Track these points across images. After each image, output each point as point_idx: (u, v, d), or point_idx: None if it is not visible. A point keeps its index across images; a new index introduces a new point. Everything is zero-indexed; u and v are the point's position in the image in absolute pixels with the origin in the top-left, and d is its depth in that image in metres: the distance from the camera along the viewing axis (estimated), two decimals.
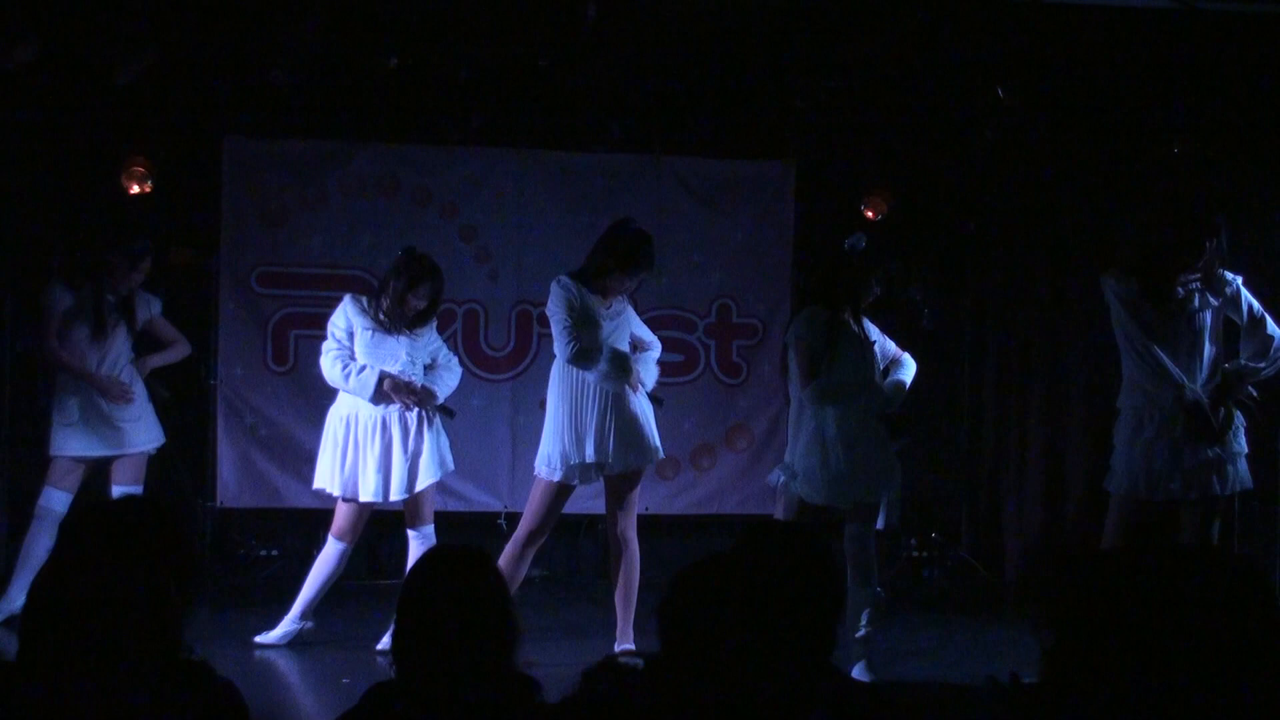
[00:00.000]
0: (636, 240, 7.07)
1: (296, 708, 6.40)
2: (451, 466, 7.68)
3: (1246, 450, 6.76)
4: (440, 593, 3.18)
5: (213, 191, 9.18)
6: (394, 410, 7.44)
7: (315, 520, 9.35)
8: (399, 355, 7.46)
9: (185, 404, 9.24)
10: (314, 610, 7.58)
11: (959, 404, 9.94)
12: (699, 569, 2.93)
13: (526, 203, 9.37)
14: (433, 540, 7.51)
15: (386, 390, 7.39)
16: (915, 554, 9.83)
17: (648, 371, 7.26)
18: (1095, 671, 2.45)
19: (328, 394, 9.19)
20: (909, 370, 7.23)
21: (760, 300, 9.64)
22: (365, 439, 7.44)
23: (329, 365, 7.51)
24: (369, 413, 7.44)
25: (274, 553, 9.41)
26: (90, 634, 2.80)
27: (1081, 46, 8.69)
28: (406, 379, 7.44)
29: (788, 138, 9.48)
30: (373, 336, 7.45)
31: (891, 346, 7.25)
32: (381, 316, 7.45)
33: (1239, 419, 6.75)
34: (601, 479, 7.18)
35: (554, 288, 7.09)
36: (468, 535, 9.06)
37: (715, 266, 9.59)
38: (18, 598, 7.41)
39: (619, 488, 7.17)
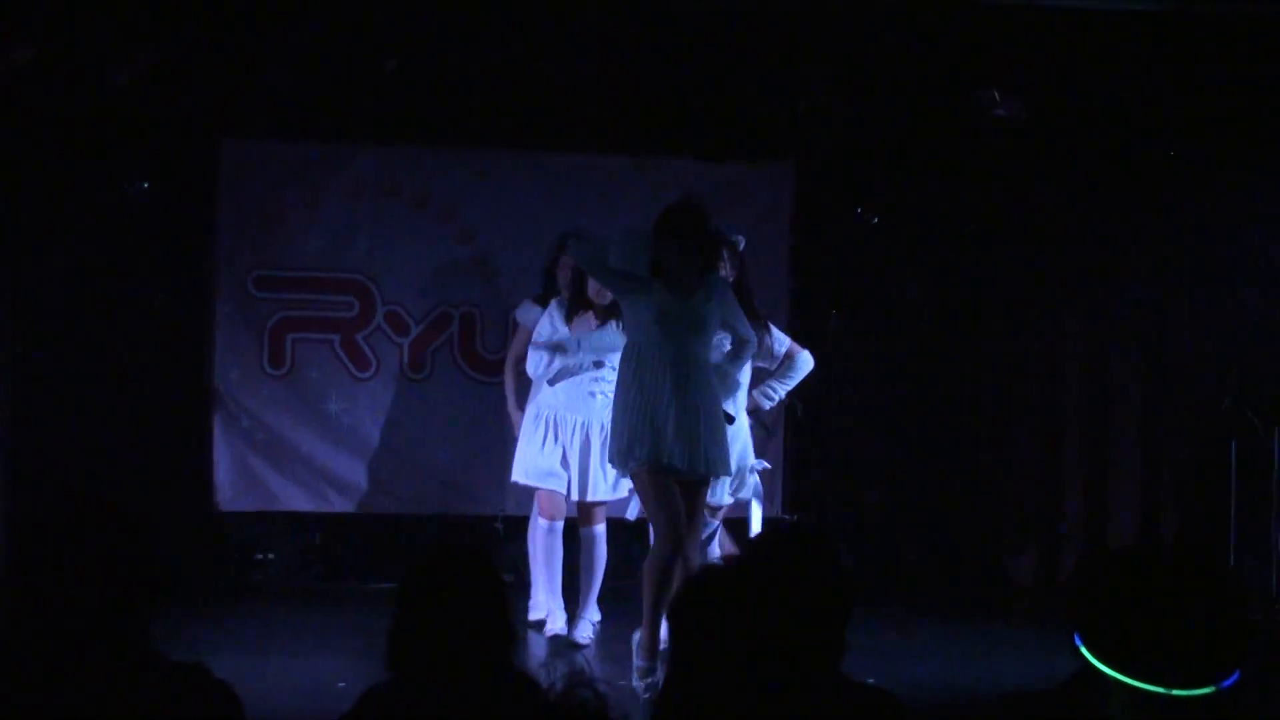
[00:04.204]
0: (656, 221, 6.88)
1: (293, 710, 6.38)
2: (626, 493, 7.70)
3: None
4: (437, 593, 3.16)
5: (210, 194, 9.16)
6: (595, 417, 7.63)
7: (312, 524, 9.35)
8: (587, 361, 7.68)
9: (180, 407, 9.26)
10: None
11: (959, 406, 9.91)
12: (711, 573, 2.93)
13: (524, 205, 9.34)
14: (600, 537, 7.79)
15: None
16: (916, 559, 9.80)
17: (723, 379, 7.07)
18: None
19: (325, 397, 9.22)
20: None
21: (758, 302, 9.60)
22: (565, 437, 7.68)
23: (531, 365, 7.78)
24: (567, 414, 7.68)
25: (270, 556, 9.39)
26: (51, 638, 2.79)
27: (1078, 49, 8.69)
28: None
29: (786, 140, 9.47)
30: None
31: None
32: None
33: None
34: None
35: None
36: (465, 537, 9.06)
37: None
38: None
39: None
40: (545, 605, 8.00)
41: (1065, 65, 8.90)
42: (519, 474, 7.86)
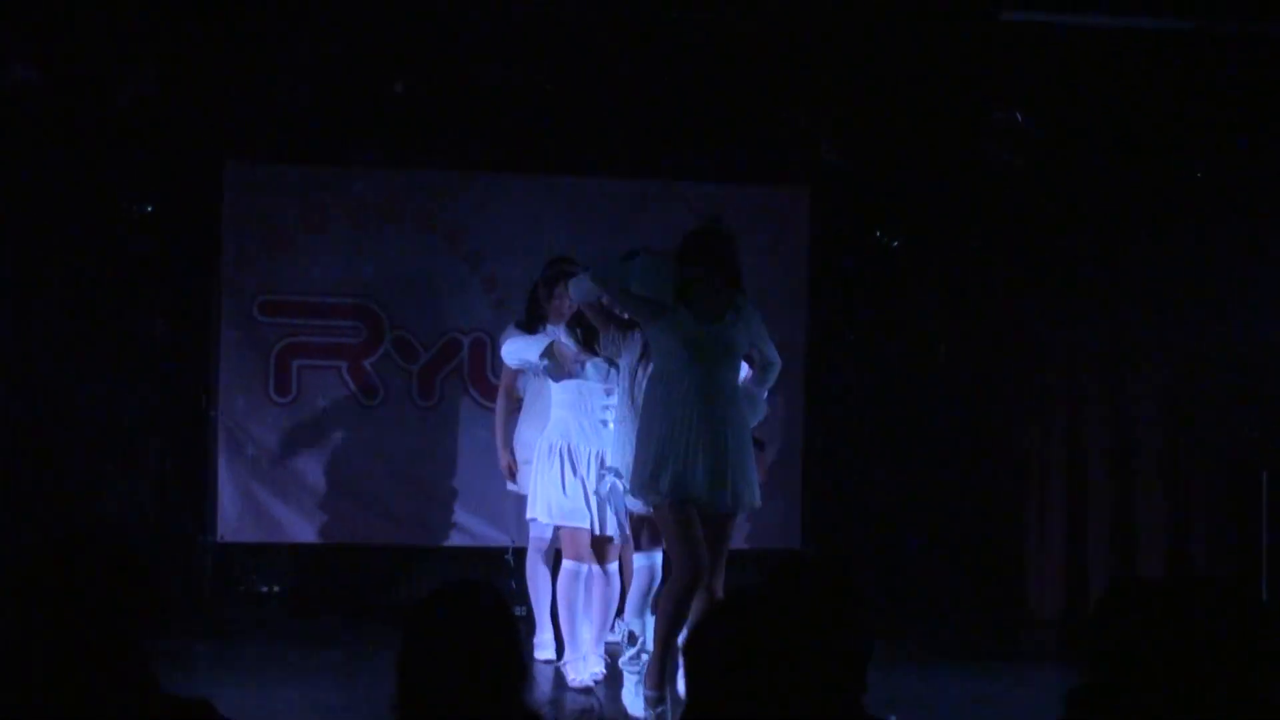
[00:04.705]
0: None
1: None
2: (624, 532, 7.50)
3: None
4: (446, 628, 3.14)
5: (214, 217, 9.16)
6: (608, 446, 7.36)
7: (319, 555, 9.32)
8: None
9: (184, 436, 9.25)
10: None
11: (977, 437, 9.86)
12: (725, 609, 2.91)
13: (534, 229, 9.33)
14: (614, 574, 7.56)
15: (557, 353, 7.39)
16: (936, 594, 9.75)
17: (751, 404, 6.80)
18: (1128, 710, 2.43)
19: (332, 425, 9.21)
20: None
21: (774, 329, 9.59)
22: (582, 469, 7.45)
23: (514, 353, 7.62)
24: (581, 444, 7.47)
25: (276, 588, 9.36)
26: (50, 674, 2.78)
27: (1100, 69, 8.69)
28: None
29: (802, 163, 9.45)
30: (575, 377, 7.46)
31: None
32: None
33: None
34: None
35: None
36: (474, 572, 9.03)
37: None
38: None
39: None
40: (551, 644, 7.95)
41: (1086, 84, 8.90)
42: (540, 512, 7.59)
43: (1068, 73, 8.88)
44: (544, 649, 8.00)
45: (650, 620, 6.84)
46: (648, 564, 7.05)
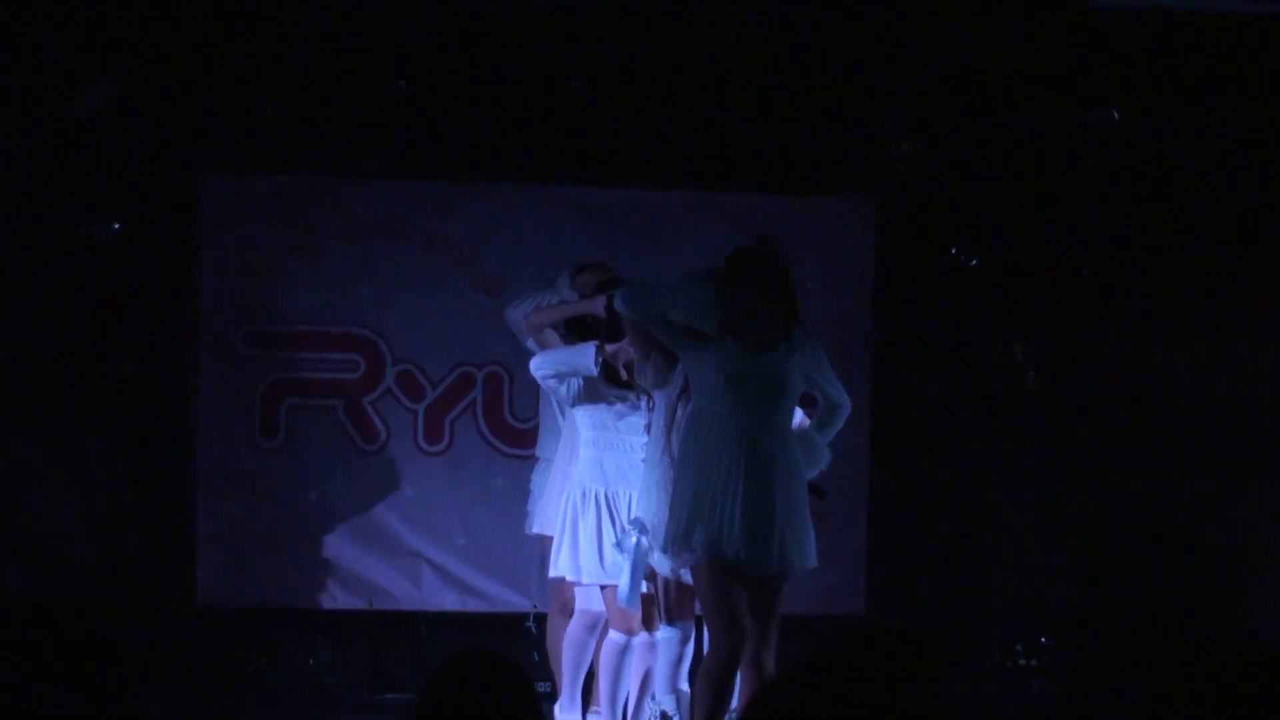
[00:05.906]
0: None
1: None
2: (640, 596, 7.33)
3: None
4: (460, 707, 3.14)
5: (191, 237, 9.18)
6: (634, 490, 7.28)
7: (313, 622, 9.31)
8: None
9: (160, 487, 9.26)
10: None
11: (1070, 479, 9.80)
12: (778, 687, 2.89)
13: (556, 248, 9.31)
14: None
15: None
16: (1021, 662, 9.71)
17: (809, 452, 6.79)
18: None
19: (326, 473, 9.21)
20: None
21: (834, 361, 9.57)
22: (622, 517, 7.33)
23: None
24: (620, 488, 7.37)
25: (263, 660, 9.35)
26: None
27: (1212, 59, 8.65)
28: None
29: (866, 171, 9.44)
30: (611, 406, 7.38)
31: None
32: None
33: None
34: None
35: None
36: (491, 640, 9.02)
37: None
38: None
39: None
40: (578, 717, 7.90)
41: (1189, 78, 8.87)
42: (575, 573, 7.41)
43: (1168, 65, 8.86)
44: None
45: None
46: (679, 634, 7.01)
